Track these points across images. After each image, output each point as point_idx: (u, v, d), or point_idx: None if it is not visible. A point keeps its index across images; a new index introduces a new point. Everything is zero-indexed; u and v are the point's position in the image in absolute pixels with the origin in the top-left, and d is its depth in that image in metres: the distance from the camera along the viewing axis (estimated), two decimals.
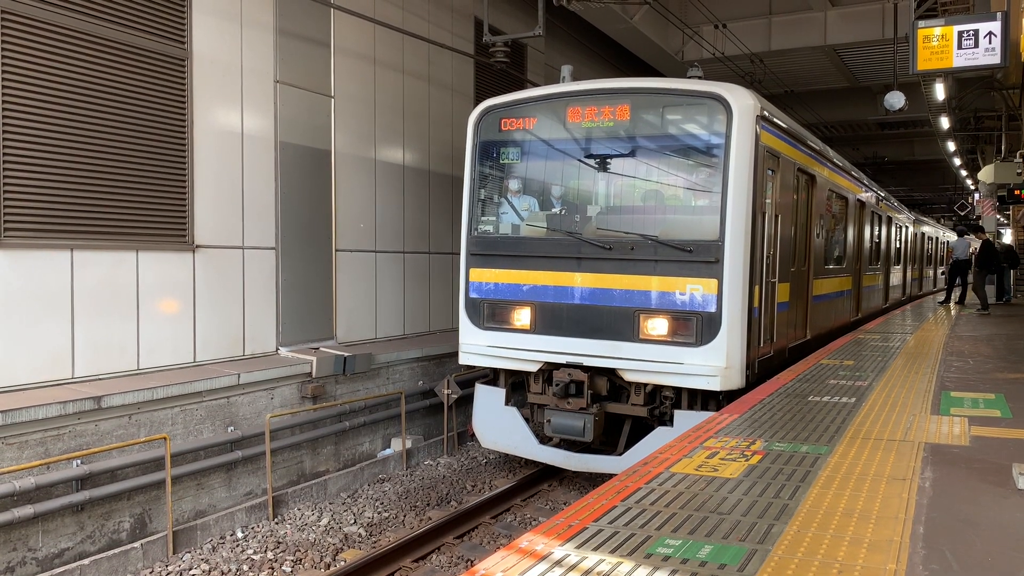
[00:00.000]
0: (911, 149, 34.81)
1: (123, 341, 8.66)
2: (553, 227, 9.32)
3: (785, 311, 10.05)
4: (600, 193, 9.46)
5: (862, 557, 3.29)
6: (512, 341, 9.29)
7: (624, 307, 8.61)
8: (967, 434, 5.59)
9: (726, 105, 8.39)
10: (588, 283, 8.82)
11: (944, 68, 9.44)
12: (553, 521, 3.76)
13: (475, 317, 9.57)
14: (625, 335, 8.61)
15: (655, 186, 9.04)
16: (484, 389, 9.88)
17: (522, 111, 9.53)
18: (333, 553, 8.08)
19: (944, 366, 8.98)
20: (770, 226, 9.30)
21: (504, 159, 9.76)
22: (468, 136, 9.81)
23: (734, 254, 8.24)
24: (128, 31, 8.65)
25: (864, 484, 4.36)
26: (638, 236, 8.60)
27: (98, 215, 8.41)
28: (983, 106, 22.99)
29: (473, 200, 9.76)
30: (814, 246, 11.58)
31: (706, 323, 8.27)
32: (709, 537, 3.51)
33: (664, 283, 8.44)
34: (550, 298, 9.02)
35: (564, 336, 8.93)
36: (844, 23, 18.56)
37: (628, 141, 9.01)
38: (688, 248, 8.34)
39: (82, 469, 7.40)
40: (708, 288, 8.27)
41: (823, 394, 7.15)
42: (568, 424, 8.83)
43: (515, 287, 9.29)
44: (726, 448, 5.16)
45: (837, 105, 26.05)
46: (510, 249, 9.42)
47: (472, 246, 9.66)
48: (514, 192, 9.77)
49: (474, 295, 9.59)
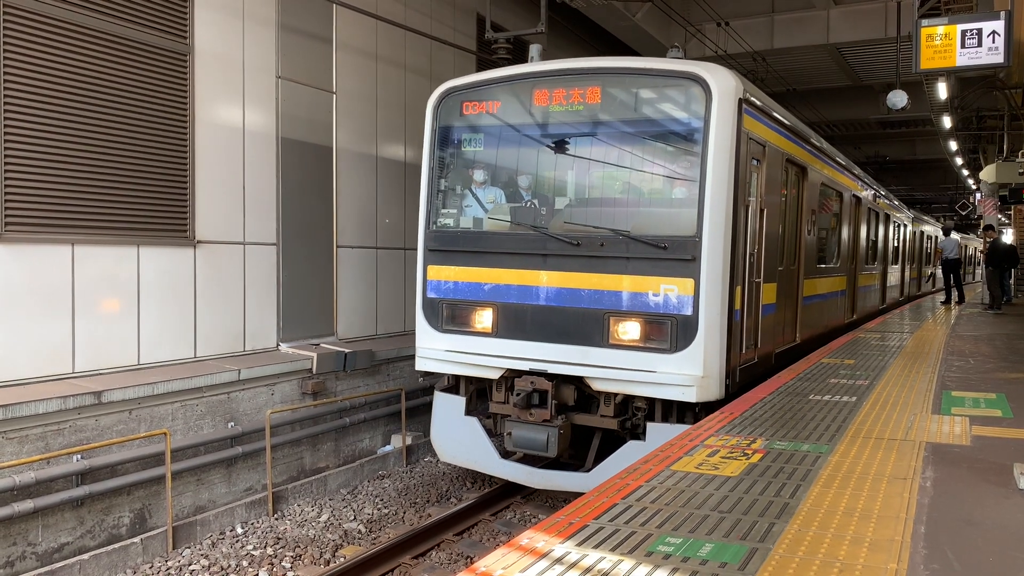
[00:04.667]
0: (913, 148, 34.75)
1: (124, 336, 8.66)
2: (517, 221, 8.59)
3: (772, 314, 9.40)
4: (568, 184, 8.73)
5: (863, 556, 3.29)
6: (472, 345, 8.53)
7: (593, 309, 7.88)
8: (968, 434, 5.59)
9: (704, 86, 7.65)
10: (554, 282, 8.08)
11: (947, 67, 9.42)
12: (554, 518, 3.76)
13: (433, 319, 8.83)
14: (594, 340, 7.88)
15: (628, 176, 8.30)
16: (443, 397, 9.14)
17: (485, 93, 8.75)
18: (333, 549, 8.08)
19: (945, 365, 8.97)
20: (755, 221, 8.65)
21: (466, 146, 8.96)
22: (427, 121, 9.05)
23: (713, 251, 7.54)
24: (130, 26, 8.63)
25: (865, 483, 4.35)
26: (608, 231, 7.88)
27: (99, 210, 8.40)
28: (985, 105, 22.95)
29: (431, 191, 8.99)
30: (805, 244, 10.93)
31: (681, 327, 7.55)
32: (710, 535, 3.50)
33: (636, 283, 7.72)
34: (513, 299, 8.28)
35: (528, 340, 8.19)
36: (847, 21, 18.52)
37: (599, 126, 8.21)
38: (662, 244, 7.62)
39: (82, 464, 7.40)
40: (684, 289, 7.54)
41: (824, 393, 7.14)
42: (530, 437, 8.09)
43: (476, 286, 8.53)
44: (727, 446, 5.15)
45: (839, 104, 26.00)
46: (470, 245, 8.64)
47: (430, 241, 8.89)
48: (475, 183, 8.99)
49: (432, 295, 8.84)
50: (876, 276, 18.00)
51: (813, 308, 11.65)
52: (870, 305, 17.28)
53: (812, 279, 11.45)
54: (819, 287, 12.01)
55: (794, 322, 10.69)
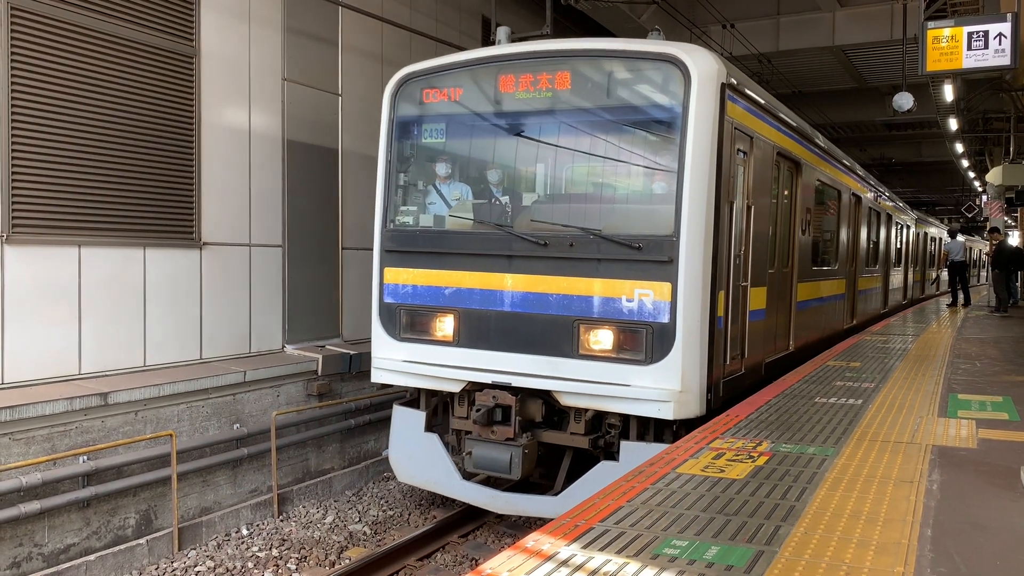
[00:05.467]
0: (919, 150, 34.70)
1: (130, 338, 8.68)
2: (480, 219, 7.94)
3: (761, 320, 8.66)
4: (535, 178, 8.06)
5: (869, 559, 3.28)
6: (432, 355, 7.86)
7: (562, 316, 7.22)
8: (975, 437, 5.57)
9: (683, 69, 6.95)
10: (520, 286, 7.42)
11: (953, 69, 9.40)
12: (559, 521, 3.76)
13: (390, 326, 8.17)
14: (563, 350, 7.21)
15: (600, 170, 7.68)
16: (402, 412, 8.46)
17: (447, 79, 8.05)
18: (338, 551, 8.09)
19: (951, 368, 8.94)
20: (741, 219, 7.95)
21: (426, 137, 8.29)
22: (383, 110, 8.37)
23: (692, 252, 6.83)
24: (136, 28, 8.66)
25: (871, 486, 4.35)
26: (578, 230, 7.23)
27: (106, 212, 8.42)
28: (992, 108, 22.90)
29: (388, 187, 8.35)
30: (799, 244, 10.25)
31: (657, 336, 6.86)
32: (716, 538, 3.50)
33: (608, 287, 7.05)
34: (476, 304, 7.62)
35: (492, 350, 7.53)
36: (852, 23, 18.49)
37: (569, 115, 7.54)
38: (636, 244, 6.94)
39: (88, 465, 7.42)
40: (660, 294, 6.86)
41: (829, 395, 7.13)
42: (491, 457, 7.40)
43: (436, 290, 7.87)
44: (732, 449, 5.15)
45: (845, 106, 25.98)
46: (430, 245, 7.98)
47: (387, 241, 8.26)
48: (436, 177, 8.35)
49: (389, 300, 8.19)
50: (878, 279, 17.43)
51: (809, 313, 11.02)
52: (871, 309, 16.74)
53: (807, 282, 10.82)
54: (815, 291, 11.38)
55: (787, 329, 10.04)
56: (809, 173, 10.65)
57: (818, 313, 11.65)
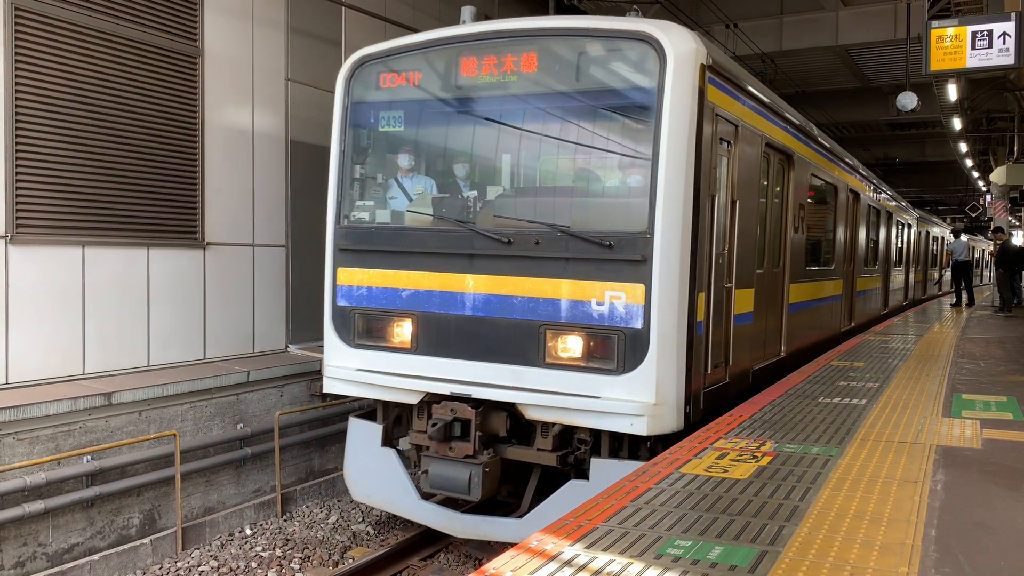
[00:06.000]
0: (923, 150, 34.64)
1: (134, 338, 8.69)
2: (440, 215, 7.31)
3: (748, 324, 8.05)
4: (499, 170, 7.47)
5: (874, 560, 3.28)
6: (388, 363, 7.27)
7: (527, 320, 6.64)
8: (979, 437, 5.56)
9: (656, 47, 6.34)
10: (482, 288, 6.85)
11: (957, 69, 9.41)
12: (563, 521, 3.76)
13: (344, 331, 7.61)
14: (528, 358, 6.64)
15: (569, 160, 7.11)
16: (358, 424, 7.86)
17: (405, 63, 7.47)
18: (341, 551, 8.09)
19: (955, 368, 8.93)
20: (724, 215, 7.36)
21: (383, 126, 7.71)
22: (337, 96, 7.78)
23: (667, 251, 6.24)
24: (140, 28, 8.67)
25: (875, 486, 4.34)
26: (544, 226, 6.64)
27: (110, 212, 8.43)
28: (996, 107, 22.87)
29: (342, 180, 7.79)
30: (791, 243, 9.58)
31: (630, 343, 6.28)
32: (720, 538, 3.50)
33: (577, 289, 6.47)
34: (435, 308, 7.06)
35: (451, 358, 6.96)
36: (856, 23, 18.47)
37: (535, 100, 6.95)
38: (607, 242, 6.34)
39: (92, 465, 7.43)
40: (632, 296, 6.27)
41: (833, 395, 7.12)
42: (449, 476, 6.80)
43: (392, 292, 7.30)
44: (736, 449, 5.14)
45: (848, 106, 25.95)
46: (386, 243, 7.40)
47: (340, 239, 7.70)
48: (399, 170, 7.79)
49: (343, 302, 7.63)
50: (877, 279, 16.84)
51: (802, 316, 10.36)
52: (870, 311, 16.15)
53: (801, 283, 10.19)
54: (809, 292, 10.74)
55: (778, 333, 9.40)
56: (802, 167, 10.04)
57: (813, 316, 11.07)
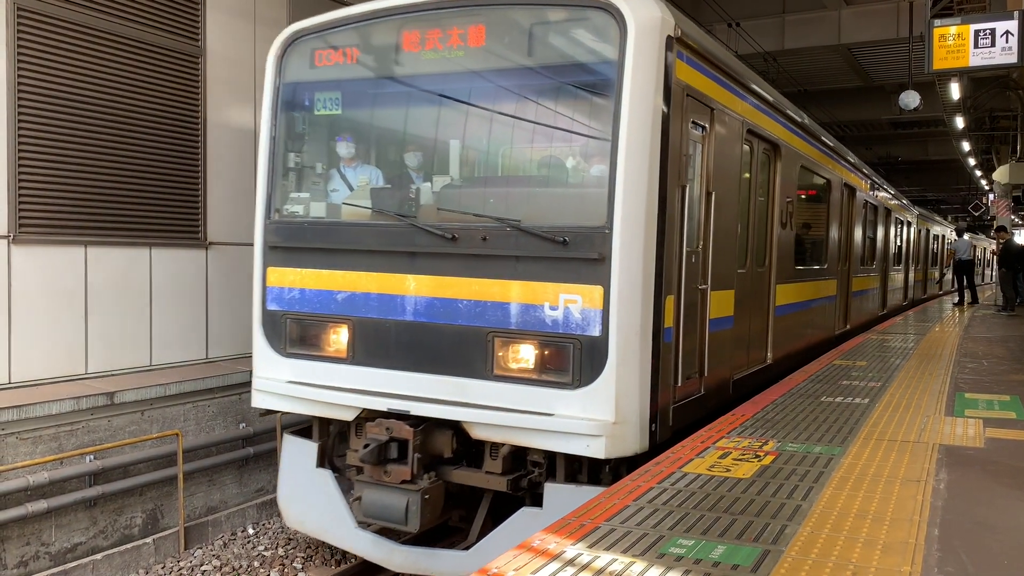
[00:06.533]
0: (925, 149, 34.63)
1: (136, 337, 8.70)
2: (378, 207, 6.65)
3: (727, 329, 7.35)
4: (444, 157, 6.73)
5: (876, 559, 3.27)
6: (322, 375, 6.55)
7: (474, 327, 5.92)
8: (982, 436, 5.55)
9: (616, 15, 5.61)
10: (425, 290, 6.12)
11: (960, 67, 9.40)
12: (565, 520, 3.76)
13: (274, 339, 6.84)
14: (475, 369, 5.91)
15: (521, 146, 6.46)
16: (292, 442, 7.08)
17: (343, 38, 6.77)
18: (344, 550, 8.09)
19: (958, 367, 8.92)
20: (698, 208, 6.65)
21: (320, 108, 7.01)
22: (267, 76, 7.03)
23: (629, 248, 5.51)
24: (142, 28, 8.68)
25: (878, 485, 4.33)
26: (492, 220, 5.92)
27: (112, 212, 8.44)
28: (998, 106, 22.85)
29: (273, 169, 7.04)
30: (778, 240, 8.84)
31: (586, 353, 5.55)
32: (722, 537, 3.49)
33: (529, 291, 5.74)
34: (373, 312, 6.33)
35: (391, 369, 6.23)
36: (858, 22, 18.46)
37: (483, 79, 6.25)
38: (561, 238, 5.60)
39: (95, 464, 7.44)
40: (589, 300, 5.54)
41: (836, 395, 7.11)
42: (384, 505, 6.02)
43: (327, 295, 6.58)
44: (739, 448, 5.14)
45: (851, 105, 25.93)
46: (320, 240, 6.68)
47: (271, 235, 6.94)
48: (331, 158, 7.12)
49: (273, 306, 6.87)
50: (875, 279, 16.15)
51: (791, 319, 9.63)
52: (867, 312, 15.44)
53: (789, 284, 9.44)
54: (799, 293, 10.00)
55: (764, 338, 8.65)
56: (791, 158, 9.27)
57: (803, 318, 10.34)
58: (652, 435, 5.72)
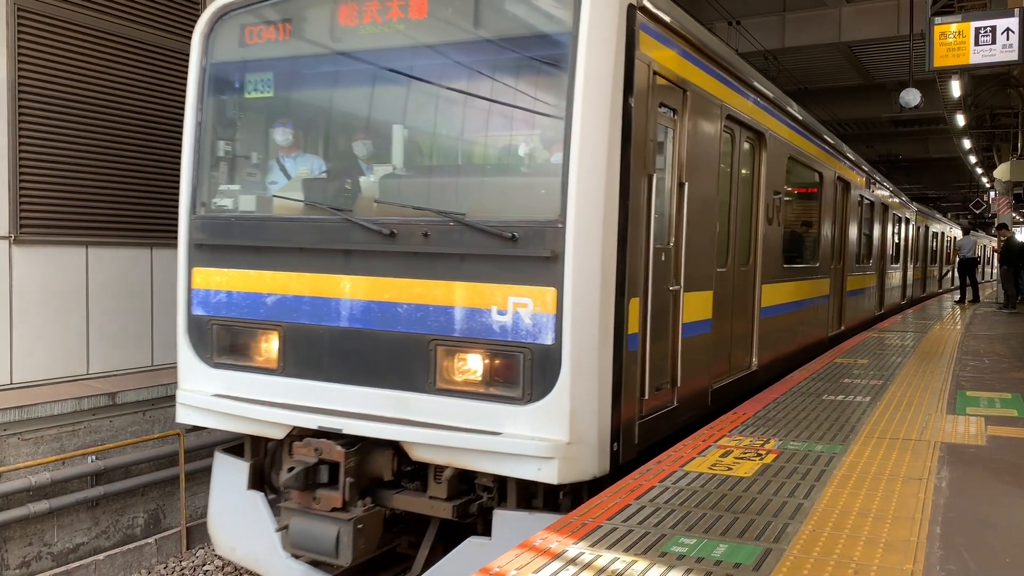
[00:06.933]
0: (926, 147, 34.63)
1: (137, 337, 8.70)
2: (310, 200, 5.95)
3: (705, 334, 6.71)
4: (383, 144, 5.98)
5: (878, 557, 3.27)
6: (251, 388, 5.86)
7: (415, 334, 5.27)
8: (984, 434, 5.55)
9: None
10: (361, 293, 5.48)
11: (961, 65, 9.40)
12: (567, 519, 3.76)
13: (201, 347, 6.16)
14: (416, 382, 5.27)
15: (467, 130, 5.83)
16: (223, 461, 6.29)
17: (275, 12, 6.10)
18: None
19: (959, 365, 8.92)
20: (670, 199, 6.01)
21: (250, 91, 6.34)
22: (192, 56, 6.33)
23: (585, 244, 4.88)
24: (142, 28, 8.68)
25: (880, 484, 4.34)
26: (435, 214, 5.26)
27: (113, 213, 8.45)
28: (999, 103, 22.85)
29: (199, 159, 6.38)
30: (764, 237, 8.23)
31: (538, 364, 4.91)
32: (724, 536, 3.50)
33: (475, 294, 5.10)
34: (305, 318, 5.67)
35: (325, 381, 5.57)
36: (859, 19, 18.45)
37: (426, 55, 5.58)
38: (509, 234, 4.96)
39: (97, 465, 7.45)
40: (541, 303, 4.92)
41: (837, 393, 7.11)
42: (312, 535, 5.36)
43: (256, 299, 5.91)
44: (740, 447, 5.14)
45: (852, 102, 25.93)
46: (248, 237, 6.00)
47: (196, 232, 6.26)
48: (266, 146, 6.48)
49: (199, 311, 6.21)
50: (871, 278, 15.53)
51: (778, 321, 8.94)
52: (863, 312, 14.81)
53: (777, 283, 8.79)
54: (788, 293, 9.33)
55: (748, 342, 8.04)
56: (778, 148, 8.64)
57: (792, 320, 9.69)
58: (614, 455, 5.11)
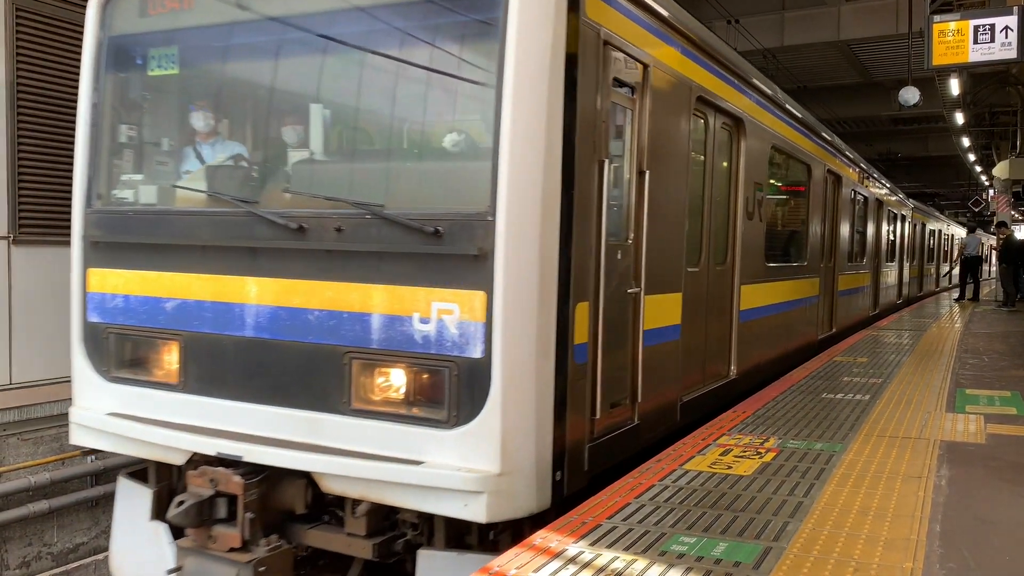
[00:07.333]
0: (925, 145, 34.66)
1: None
2: (213, 191, 5.20)
3: (673, 341, 6.00)
4: (296, 128, 5.18)
5: (878, 555, 3.27)
6: (149, 406, 5.16)
7: (328, 345, 4.60)
8: (983, 432, 5.56)
9: None
10: (268, 297, 4.79)
11: (960, 63, 9.40)
12: (567, 518, 3.76)
13: (96, 358, 5.42)
14: (328, 401, 4.59)
15: (386, 109, 5.08)
16: (126, 487, 5.55)
17: None
18: None
19: (959, 363, 8.92)
20: (628, 190, 5.30)
21: (153, 68, 5.59)
22: (87, 29, 5.67)
23: (519, 240, 4.20)
24: None
25: (880, 482, 4.34)
26: (349, 205, 4.58)
27: None
28: (998, 102, 22.86)
29: (95, 146, 5.67)
30: (742, 233, 7.54)
31: (465, 381, 4.23)
32: (724, 535, 3.50)
33: (394, 298, 4.42)
34: (207, 326, 4.98)
35: (227, 399, 4.89)
36: (858, 18, 18.46)
37: (342, 23, 4.86)
38: (433, 228, 4.27)
39: (96, 464, 7.44)
40: (468, 309, 4.22)
41: (837, 391, 7.12)
42: None
43: (154, 304, 5.21)
44: (740, 445, 5.14)
45: (851, 101, 25.94)
46: (146, 233, 5.29)
47: (91, 228, 5.50)
48: (177, 130, 5.74)
49: (94, 317, 5.44)
50: (865, 277, 14.82)
51: (761, 325, 8.25)
52: (856, 312, 14.01)
53: (758, 284, 8.10)
54: (771, 294, 8.62)
55: (725, 348, 7.37)
56: (759, 136, 7.90)
57: (777, 323, 8.92)
58: (556, 486, 4.39)
